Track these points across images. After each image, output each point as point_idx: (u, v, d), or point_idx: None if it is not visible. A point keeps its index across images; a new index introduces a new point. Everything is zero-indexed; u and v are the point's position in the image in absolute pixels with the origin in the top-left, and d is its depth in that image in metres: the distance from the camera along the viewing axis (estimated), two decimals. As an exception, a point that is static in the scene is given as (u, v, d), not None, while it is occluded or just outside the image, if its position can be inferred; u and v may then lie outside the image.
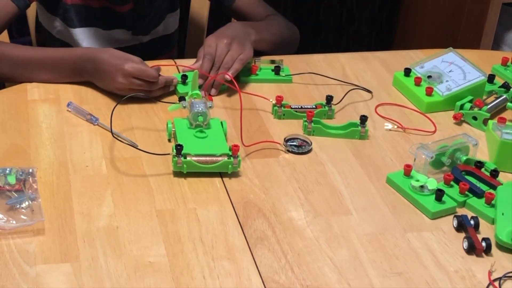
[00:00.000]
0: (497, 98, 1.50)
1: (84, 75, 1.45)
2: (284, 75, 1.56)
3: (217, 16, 2.13)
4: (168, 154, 1.26)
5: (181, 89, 1.46)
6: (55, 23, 1.67)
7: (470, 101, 1.47)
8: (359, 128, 1.38)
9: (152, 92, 1.42)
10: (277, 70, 1.56)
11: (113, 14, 1.65)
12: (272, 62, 1.58)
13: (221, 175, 1.26)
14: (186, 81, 1.47)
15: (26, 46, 1.52)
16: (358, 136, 1.38)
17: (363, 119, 1.38)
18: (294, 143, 1.35)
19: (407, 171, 1.26)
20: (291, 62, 1.61)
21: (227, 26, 1.57)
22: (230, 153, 1.25)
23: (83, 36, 1.65)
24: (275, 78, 1.55)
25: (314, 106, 1.44)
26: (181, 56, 1.91)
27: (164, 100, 1.43)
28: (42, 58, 1.47)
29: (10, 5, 1.52)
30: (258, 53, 1.58)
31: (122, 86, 1.40)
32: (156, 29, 1.73)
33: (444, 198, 1.21)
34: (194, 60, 1.51)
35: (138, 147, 1.29)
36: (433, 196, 1.22)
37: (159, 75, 1.42)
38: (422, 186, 1.23)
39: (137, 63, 1.40)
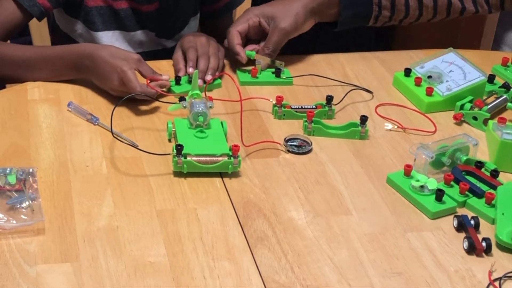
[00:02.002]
0: (497, 98, 1.50)
1: (83, 71, 1.44)
2: (285, 77, 1.55)
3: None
4: (168, 154, 1.26)
5: (176, 89, 1.46)
6: (76, 26, 1.64)
7: (470, 101, 1.47)
8: (359, 128, 1.38)
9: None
10: (277, 73, 1.55)
11: (138, 14, 1.63)
12: (272, 63, 1.57)
13: (221, 175, 1.26)
14: (180, 82, 1.47)
15: (25, 46, 1.51)
16: (358, 136, 1.38)
17: (363, 119, 1.38)
18: (294, 143, 1.35)
19: (407, 171, 1.26)
20: (291, 63, 1.61)
21: (191, 33, 1.60)
22: (230, 153, 1.25)
23: (106, 40, 1.63)
24: (275, 81, 1.55)
25: (314, 106, 1.44)
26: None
27: (164, 100, 1.43)
28: (41, 57, 1.46)
29: (18, 13, 1.50)
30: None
31: (116, 88, 1.39)
32: (180, 34, 1.71)
33: (444, 198, 1.21)
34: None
35: (138, 147, 1.29)
36: (433, 196, 1.22)
37: (153, 78, 1.40)
38: (422, 186, 1.23)
39: (132, 65, 1.38)
